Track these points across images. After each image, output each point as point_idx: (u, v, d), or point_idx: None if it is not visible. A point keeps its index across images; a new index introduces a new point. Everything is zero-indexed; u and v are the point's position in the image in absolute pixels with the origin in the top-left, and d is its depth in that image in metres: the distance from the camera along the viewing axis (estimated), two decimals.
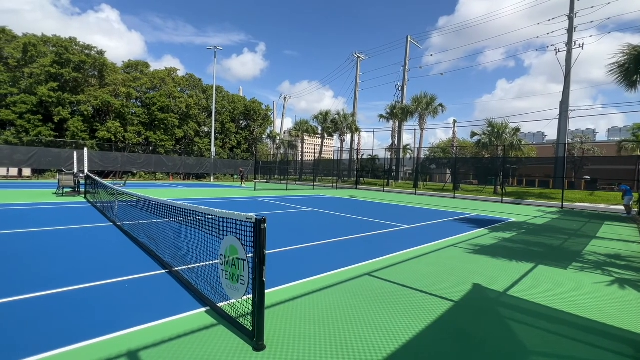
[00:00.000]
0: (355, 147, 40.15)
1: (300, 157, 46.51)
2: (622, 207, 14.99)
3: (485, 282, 4.35)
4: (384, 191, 25.74)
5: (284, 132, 60.45)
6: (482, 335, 2.89)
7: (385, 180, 31.23)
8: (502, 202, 18.69)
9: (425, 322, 3.08)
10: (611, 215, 13.85)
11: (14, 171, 22.51)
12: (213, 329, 2.79)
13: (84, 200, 11.61)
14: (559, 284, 4.40)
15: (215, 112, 35.65)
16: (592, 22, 28.88)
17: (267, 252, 2.56)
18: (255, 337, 2.52)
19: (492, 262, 5.39)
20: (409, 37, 39.75)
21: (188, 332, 2.71)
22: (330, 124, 40.41)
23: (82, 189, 13.19)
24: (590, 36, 48.99)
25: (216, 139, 36.53)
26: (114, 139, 28.89)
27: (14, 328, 2.69)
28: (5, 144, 23.62)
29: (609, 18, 29.26)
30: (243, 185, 26.77)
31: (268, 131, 47.50)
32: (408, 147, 39.70)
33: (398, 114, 34.58)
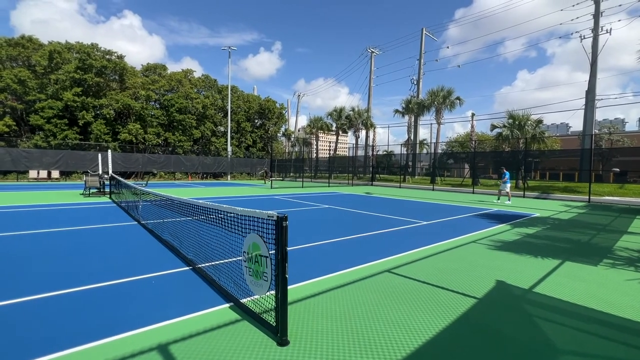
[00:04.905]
0: (370, 143, 39.82)
1: (315, 155, 46.58)
2: None
3: (510, 278, 4.24)
4: (400, 187, 25.42)
5: (299, 130, 60.64)
6: (508, 332, 2.83)
7: (402, 176, 30.83)
8: (524, 197, 18.09)
9: (448, 319, 3.04)
10: None
11: (43, 173, 23.66)
12: (238, 324, 2.86)
13: (109, 200, 12.08)
14: (589, 281, 4.23)
15: (231, 112, 36.18)
16: (620, 5, 27.20)
17: (288, 248, 2.59)
18: (279, 333, 2.56)
19: (516, 258, 5.24)
20: (424, 29, 38.92)
21: (214, 327, 2.78)
22: (345, 121, 40.22)
23: (107, 190, 13.72)
24: (619, 20, 46.15)
25: (232, 138, 37.09)
26: (134, 141, 29.84)
27: (48, 323, 2.84)
28: (35, 148, 24.86)
29: (639, 1, 27.50)
30: (266, 182, 27.23)
31: (283, 129, 47.79)
32: (424, 142, 39.01)
33: (414, 109, 34.00)
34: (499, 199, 14.94)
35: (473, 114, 32.34)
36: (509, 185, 14.54)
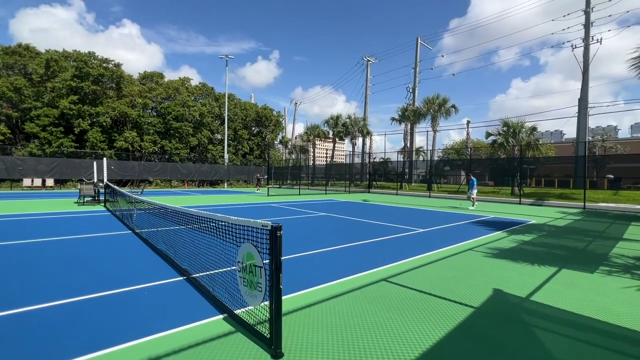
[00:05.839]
0: (367, 151, 39.98)
1: (312, 162, 46.64)
2: None
3: (506, 287, 4.21)
4: (397, 194, 25.45)
5: (296, 137, 60.79)
6: (505, 342, 2.80)
7: (398, 183, 30.89)
8: (520, 204, 18.17)
9: (445, 329, 3.00)
10: (638, 216, 13.25)
11: (38, 181, 23.43)
12: (231, 336, 2.80)
13: (104, 209, 11.96)
14: (586, 288, 4.22)
15: (228, 120, 36.23)
16: (610, 16, 27.87)
17: (282, 258, 2.56)
18: (273, 345, 2.51)
19: (513, 266, 5.23)
20: (419, 38, 39.46)
21: (207, 340, 2.72)
22: (342, 128, 40.39)
23: (101, 198, 13.59)
24: (609, 30, 47.19)
25: (229, 145, 37.08)
26: (131, 149, 29.71)
27: (36, 336, 2.77)
28: (30, 156, 24.66)
29: (628, 11, 28.17)
30: (258, 190, 27.06)
31: (280, 137, 47.87)
32: (421, 149, 39.22)
33: (410, 116, 34.27)
34: (473, 205, 15.17)
35: (468, 122, 32.72)
36: (474, 191, 15.05)
